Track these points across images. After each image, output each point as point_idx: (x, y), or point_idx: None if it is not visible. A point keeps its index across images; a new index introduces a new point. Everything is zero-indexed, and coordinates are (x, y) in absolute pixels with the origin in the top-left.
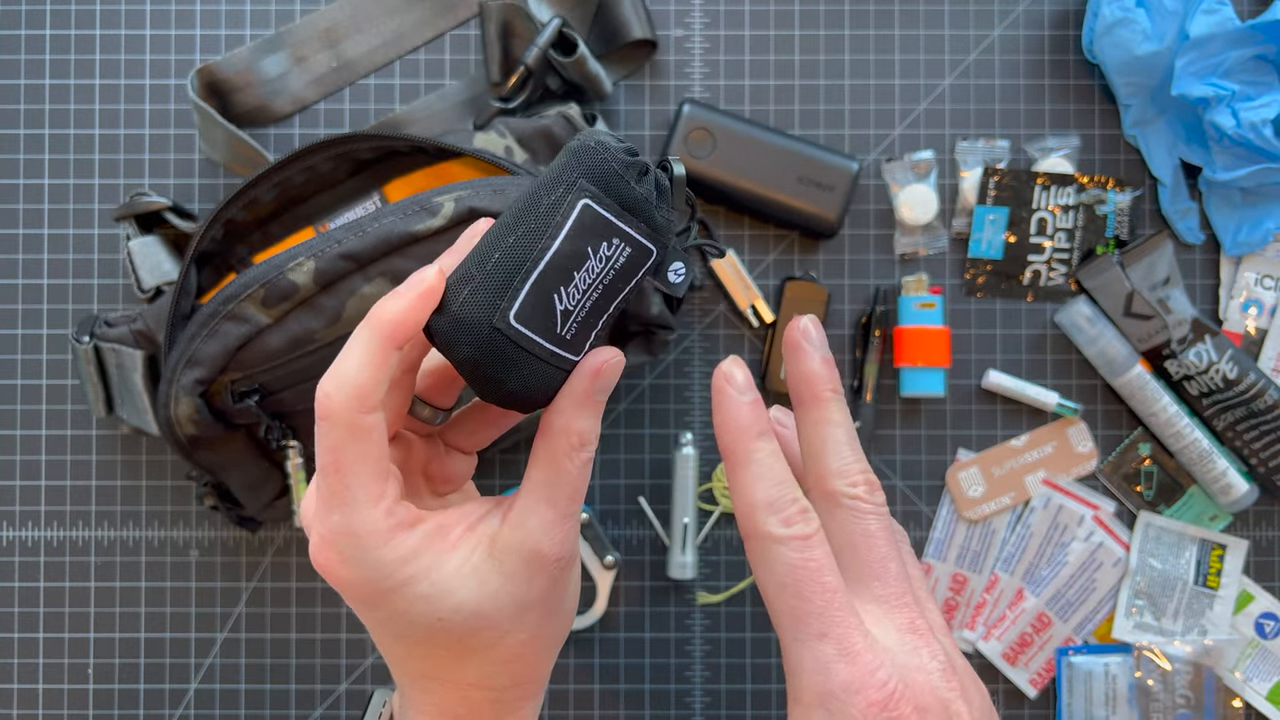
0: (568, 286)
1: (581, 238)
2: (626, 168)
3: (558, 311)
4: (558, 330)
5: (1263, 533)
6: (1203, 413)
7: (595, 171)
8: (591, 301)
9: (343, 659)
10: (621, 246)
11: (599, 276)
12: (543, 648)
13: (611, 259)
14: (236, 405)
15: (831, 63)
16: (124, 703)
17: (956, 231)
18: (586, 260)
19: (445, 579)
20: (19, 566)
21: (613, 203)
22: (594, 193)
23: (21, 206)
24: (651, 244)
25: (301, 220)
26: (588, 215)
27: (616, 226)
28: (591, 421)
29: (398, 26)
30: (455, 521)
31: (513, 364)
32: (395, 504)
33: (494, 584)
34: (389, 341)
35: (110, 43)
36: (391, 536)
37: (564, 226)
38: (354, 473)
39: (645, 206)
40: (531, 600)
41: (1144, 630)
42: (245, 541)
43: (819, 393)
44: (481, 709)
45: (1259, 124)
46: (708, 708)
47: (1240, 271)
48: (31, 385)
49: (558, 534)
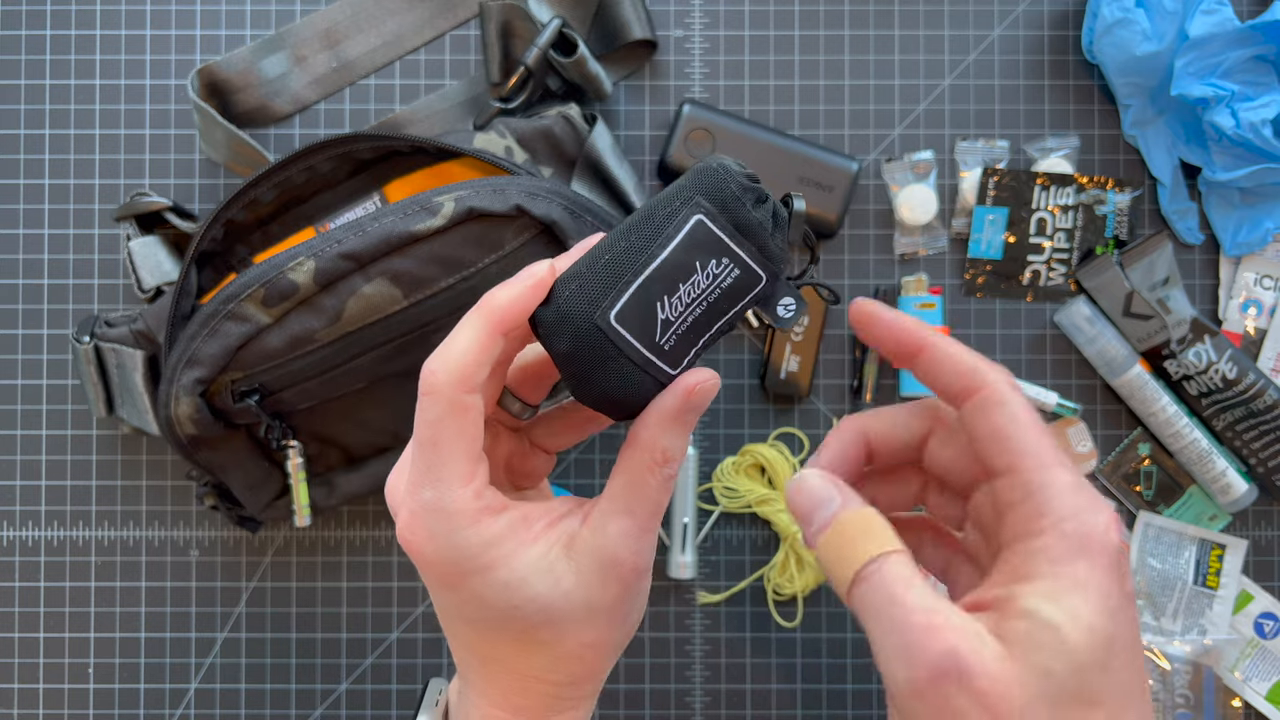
0: (671, 297)
1: (691, 251)
2: (744, 190)
3: (658, 320)
4: (656, 338)
5: (1262, 532)
6: (1202, 413)
7: (713, 190)
8: (694, 317)
9: (343, 659)
10: (730, 267)
11: (704, 292)
12: (605, 652)
13: (719, 277)
14: (237, 405)
15: (831, 63)
16: (124, 702)
17: (956, 232)
18: (693, 274)
19: (524, 569)
20: (19, 566)
21: (726, 222)
22: (709, 210)
23: (22, 206)
24: (761, 270)
25: (302, 220)
26: (700, 230)
27: (727, 246)
28: (679, 440)
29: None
30: (539, 515)
31: (608, 363)
32: (484, 487)
33: (568, 582)
34: (497, 326)
35: (111, 43)
36: (479, 519)
37: (675, 238)
38: (450, 450)
39: (759, 231)
40: (603, 605)
41: (1143, 630)
42: (245, 541)
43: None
44: (540, 700)
45: (1258, 124)
46: (708, 707)
47: (1239, 272)
48: (32, 385)
49: (635, 544)
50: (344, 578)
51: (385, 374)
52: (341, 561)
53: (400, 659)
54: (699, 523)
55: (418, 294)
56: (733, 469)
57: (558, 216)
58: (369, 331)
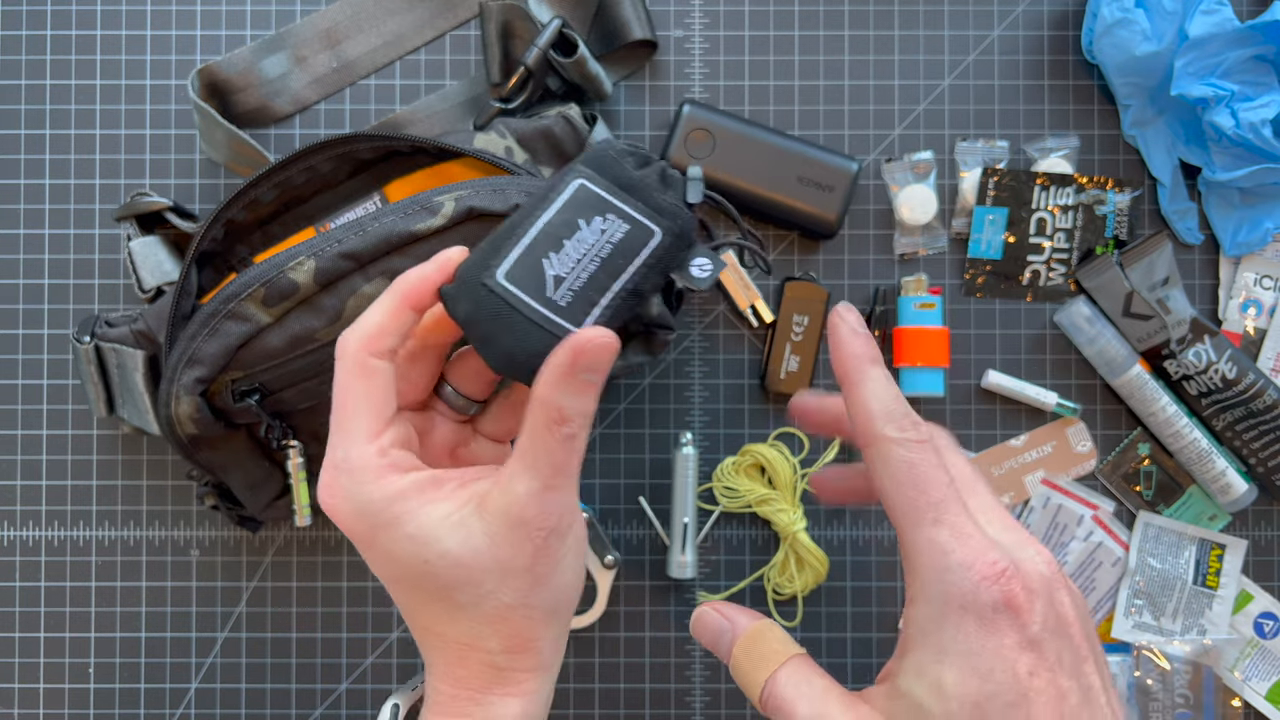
0: (558, 254)
1: (573, 211)
2: (624, 154)
3: (548, 276)
4: (548, 294)
5: (1262, 532)
6: (1202, 413)
7: (593, 158)
8: (588, 273)
9: (343, 659)
10: (617, 222)
11: (593, 248)
12: (533, 616)
13: (606, 232)
14: (237, 404)
15: (831, 63)
16: (125, 702)
17: (956, 232)
18: (578, 230)
19: (432, 525)
20: (20, 566)
21: (608, 182)
22: (589, 174)
23: (22, 207)
24: (652, 224)
25: (302, 220)
26: (582, 193)
27: (611, 203)
28: (573, 399)
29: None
30: (452, 478)
31: (503, 321)
32: (391, 447)
33: (479, 540)
34: (403, 299)
35: (111, 43)
36: (382, 475)
37: (557, 201)
38: (355, 409)
39: (642, 187)
40: (516, 565)
41: (1143, 630)
42: (246, 541)
43: (861, 365)
44: (478, 671)
45: (1258, 124)
46: (707, 707)
47: (1239, 272)
48: (32, 385)
49: (541, 503)
50: (344, 578)
51: None
52: (342, 561)
53: (400, 659)
54: (699, 523)
55: None
56: (733, 469)
57: None
58: None
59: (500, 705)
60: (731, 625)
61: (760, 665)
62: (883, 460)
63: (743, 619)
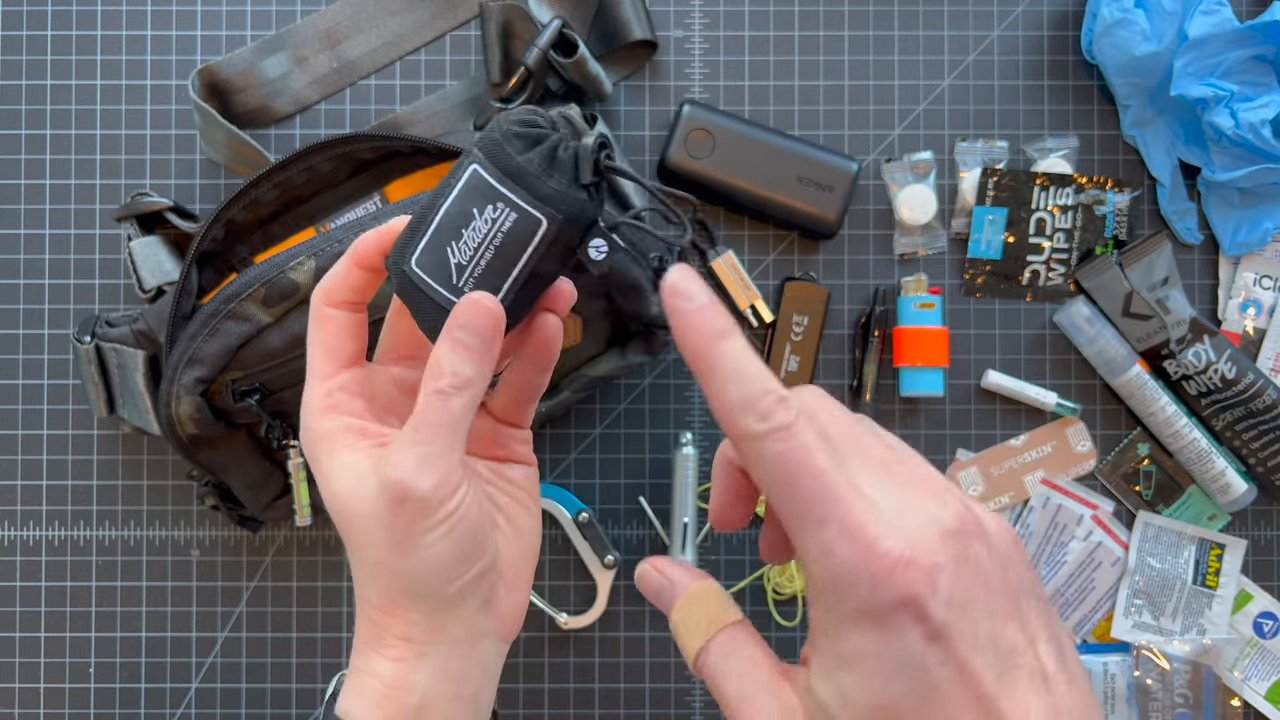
0: (458, 243)
1: (469, 199)
2: (509, 136)
3: (452, 264)
4: (453, 281)
5: (1261, 532)
6: (1201, 412)
7: (485, 140)
8: (485, 261)
9: (344, 658)
10: (506, 211)
11: (487, 238)
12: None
13: (497, 221)
14: (237, 404)
15: (831, 63)
16: (125, 702)
17: (955, 232)
18: (472, 220)
19: (338, 467)
20: (20, 566)
21: (495, 169)
22: (480, 159)
23: (23, 207)
24: (538, 212)
25: (303, 220)
26: (475, 179)
27: (498, 191)
28: (449, 356)
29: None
30: (377, 433)
31: (418, 303)
32: (339, 390)
33: (365, 491)
34: (352, 257)
35: (111, 43)
36: (324, 414)
37: (455, 188)
38: (313, 352)
39: (525, 174)
40: (386, 523)
41: (1143, 629)
42: (246, 541)
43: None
44: (365, 625)
45: (1257, 124)
46: (707, 707)
47: (1239, 272)
48: (33, 385)
49: (413, 463)
50: (344, 578)
51: None
52: (342, 561)
53: None
54: (699, 523)
55: None
56: None
57: None
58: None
59: (376, 661)
60: (671, 585)
61: (695, 632)
62: (755, 459)
63: (683, 578)
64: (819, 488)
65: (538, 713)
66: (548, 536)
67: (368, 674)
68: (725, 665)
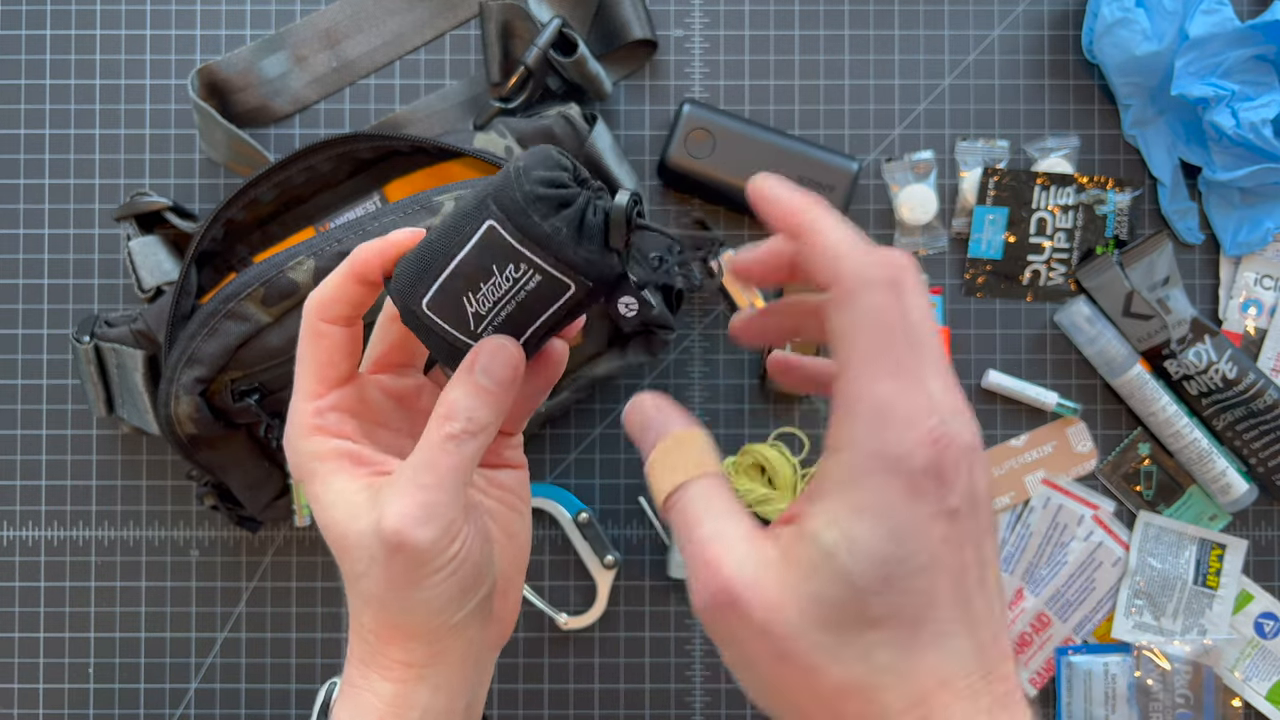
0: (475, 294)
1: (487, 254)
2: (533, 201)
3: (469, 312)
4: (471, 328)
5: (1262, 532)
6: (1202, 412)
7: (502, 197)
8: (506, 313)
9: (343, 659)
10: (529, 273)
11: (508, 294)
12: (396, 620)
13: (520, 281)
14: (236, 404)
15: (831, 63)
16: (124, 702)
17: (956, 231)
18: (492, 276)
19: (332, 492)
20: (19, 566)
21: (515, 230)
22: (499, 216)
23: (22, 206)
24: (567, 279)
25: (302, 220)
26: (492, 235)
27: (520, 253)
28: (465, 398)
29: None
30: (375, 461)
31: (431, 340)
32: (329, 409)
33: (361, 525)
34: (350, 271)
35: (111, 43)
36: (311, 434)
37: (469, 241)
38: (303, 368)
39: (551, 242)
40: (380, 559)
41: (1143, 630)
42: (245, 541)
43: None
44: (358, 644)
45: (1258, 124)
46: (707, 707)
47: (1239, 271)
48: (32, 385)
49: (415, 519)
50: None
51: None
52: None
53: None
54: None
55: None
56: (733, 469)
57: None
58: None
59: (374, 680)
60: (661, 424)
61: (675, 472)
62: (850, 305)
63: (675, 422)
64: (901, 345)
65: (537, 713)
66: (548, 536)
67: (366, 691)
68: (701, 506)
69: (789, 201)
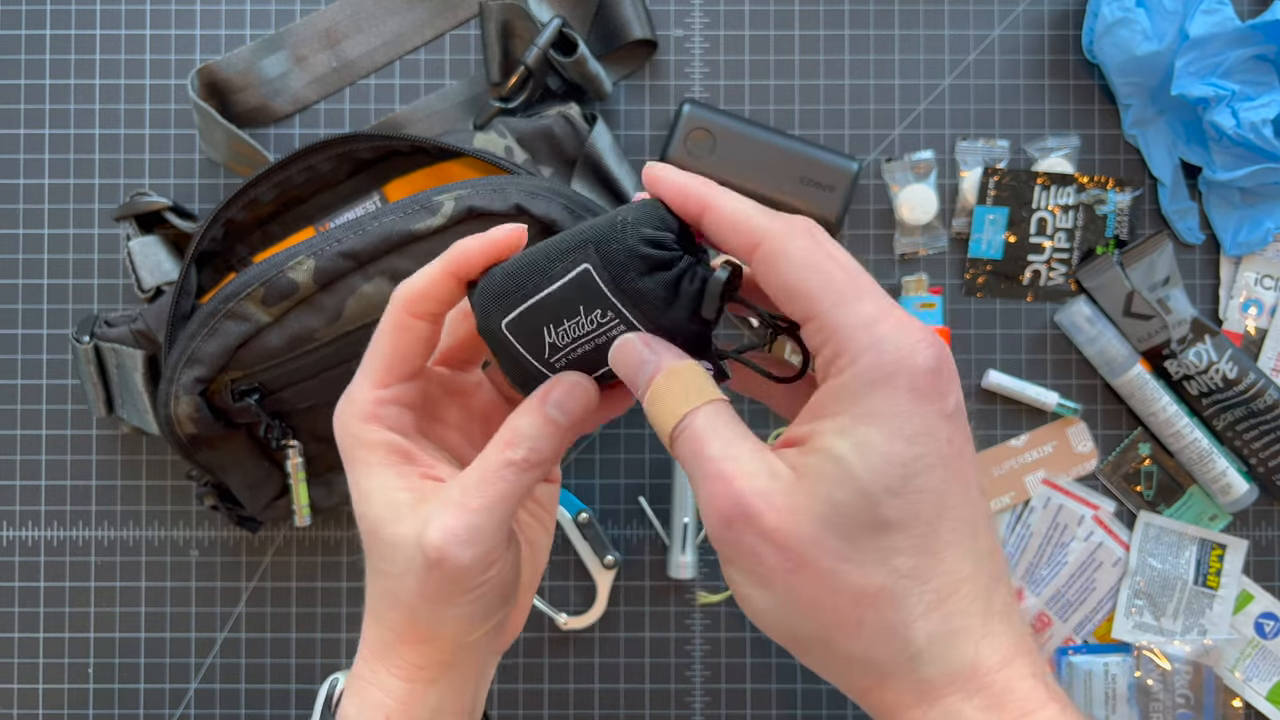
0: (556, 327)
1: (577, 292)
2: (633, 256)
3: (546, 342)
4: (545, 356)
5: (1262, 532)
6: (1202, 412)
7: (604, 245)
8: (583, 351)
9: (343, 659)
10: (614, 321)
11: (589, 334)
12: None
13: (604, 327)
14: (236, 404)
15: (831, 63)
16: (124, 702)
17: (956, 231)
18: (576, 315)
19: (373, 488)
20: (19, 566)
21: (610, 280)
22: (596, 262)
23: (22, 206)
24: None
25: (302, 220)
26: (586, 278)
27: (610, 301)
28: (531, 426)
29: (398, 26)
30: (426, 462)
31: (503, 357)
32: (391, 402)
33: (398, 529)
34: (447, 266)
35: (110, 43)
36: (366, 421)
37: (562, 278)
38: (375, 354)
39: (643, 301)
40: (416, 571)
41: (1143, 630)
42: (245, 541)
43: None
44: (376, 636)
45: (1259, 124)
46: (708, 707)
47: (1240, 271)
48: (31, 385)
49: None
50: (344, 578)
51: None
52: (341, 561)
53: None
54: (699, 523)
55: None
56: None
57: (557, 215)
58: (369, 331)
59: (386, 677)
60: (656, 358)
61: (681, 400)
62: (779, 257)
63: (669, 356)
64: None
65: (537, 713)
66: None
67: (375, 687)
68: (711, 430)
69: (684, 184)
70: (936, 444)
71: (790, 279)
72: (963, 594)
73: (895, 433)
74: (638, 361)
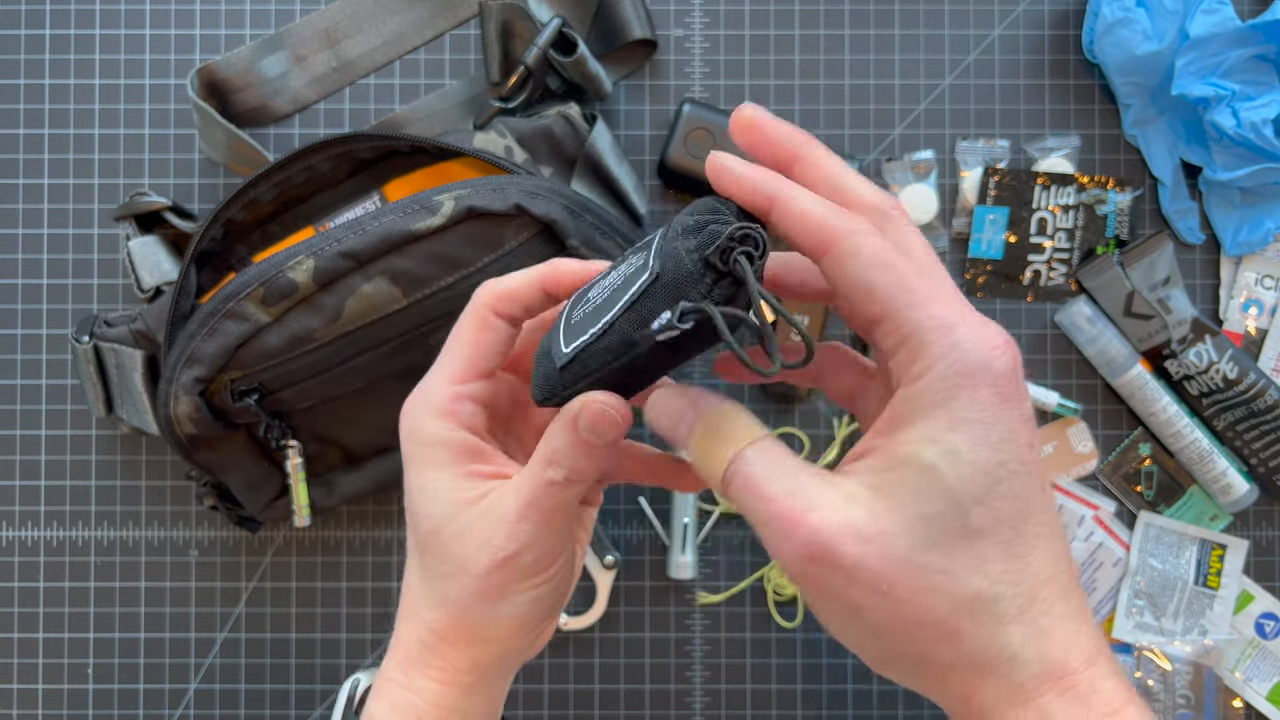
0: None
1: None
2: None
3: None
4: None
5: (1263, 533)
6: (1203, 412)
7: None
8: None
9: (343, 659)
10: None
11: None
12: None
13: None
14: (236, 404)
15: (831, 63)
16: (124, 703)
17: (956, 231)
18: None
19: (434, 481)
20: (19, 566)
21: None
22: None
23: (21, 206)
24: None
25: (301, 220)
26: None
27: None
28: (566, 446)
29: (398, 26)
30: (491, 462)
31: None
32: (466, 398)
33: (464, 532)
34: (542, 278)
35: (110, 42)
36: (440, 415)
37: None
38: (455, 350)
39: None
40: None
41: (1144, 630)
42: (245, 541)
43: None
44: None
45: (1259, 124)
46: (708, 707)
47: (1240, 271)
48: (31, 385)
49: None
50: (344, 578)
51: (385, 373)
52: (341, 561)
53: None
54: (699, 523)
55: (417, 293)
56: None
57: (557, 215)
58: (368, 331)
59: (420, 680)
60: (694, 405)
61: (726, 442)
62: (851, 257)
63: (706, 403)
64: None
65: (537, 713)
66: None
67: (406, 689)
68: (766, 468)
69: (751, 179)
70: (1018, 448)
71: (863, 280)
72: (1047, 595)
73: (981, 439)
74: (677, 412)
